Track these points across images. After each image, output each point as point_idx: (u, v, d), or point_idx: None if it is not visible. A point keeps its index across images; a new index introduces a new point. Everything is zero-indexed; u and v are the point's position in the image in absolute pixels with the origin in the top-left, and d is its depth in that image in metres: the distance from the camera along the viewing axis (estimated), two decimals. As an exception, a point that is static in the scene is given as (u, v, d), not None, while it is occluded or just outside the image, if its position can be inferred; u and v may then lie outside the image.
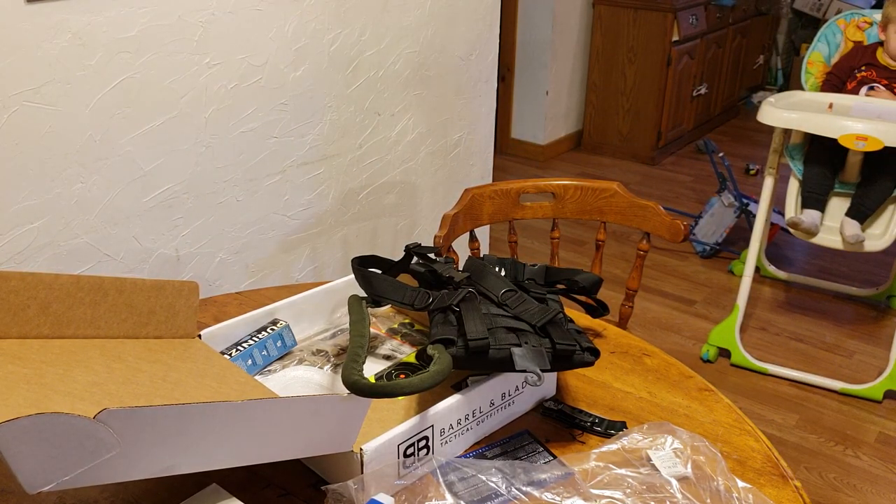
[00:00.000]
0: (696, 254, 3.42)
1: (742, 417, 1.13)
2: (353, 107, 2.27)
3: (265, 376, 1.15)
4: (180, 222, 1.93)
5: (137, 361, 0.97)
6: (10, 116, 1.56)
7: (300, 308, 1.25)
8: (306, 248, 2.29)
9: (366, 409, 0.89)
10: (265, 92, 2.02)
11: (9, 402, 0.75)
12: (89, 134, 1.69)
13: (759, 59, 5.27)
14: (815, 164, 2.51)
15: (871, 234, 2.45)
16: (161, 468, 0.77)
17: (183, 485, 0.92)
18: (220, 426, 0.78)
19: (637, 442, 1.01)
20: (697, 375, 1.22)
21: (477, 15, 2.58)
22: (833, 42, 2.74)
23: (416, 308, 1.11)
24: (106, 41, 1.66)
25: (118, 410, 0.70)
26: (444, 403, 0.98)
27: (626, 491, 0.93)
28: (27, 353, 0.91)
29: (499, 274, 1.15)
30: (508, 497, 0.92)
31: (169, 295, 1.08)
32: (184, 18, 1.79)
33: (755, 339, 2.78)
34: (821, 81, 2.72)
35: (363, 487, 0.88)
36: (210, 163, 1.95)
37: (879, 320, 2.93)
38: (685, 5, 4.22)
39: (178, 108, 1.84)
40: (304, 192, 2.22)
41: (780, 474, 1.01)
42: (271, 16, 1.97)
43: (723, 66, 4.79)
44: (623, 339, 1.33)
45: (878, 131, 2.23)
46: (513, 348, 0.99)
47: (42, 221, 1.67)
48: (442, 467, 0.94)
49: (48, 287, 0.96)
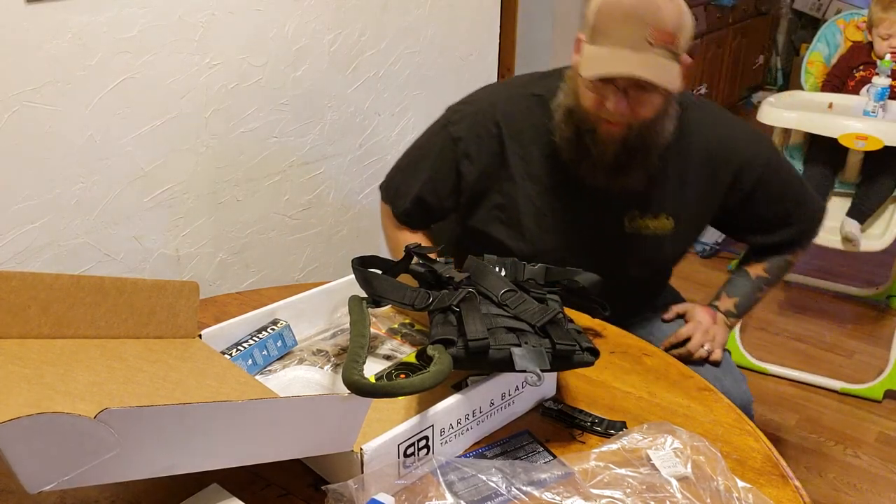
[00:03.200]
0: (696, 254, 3.42)
1: (742, 417, 1.13)
2: (353, 107, 2.27)
3: (265, 376, 1.15)
4: (180, 222, 1.93)
5: (138, 361, 0.97)
6: (10, 116, 1.56)
7: (300, 308, 1.25)
8: (306, 248, 2.29)
9: (366, 409, 0.89)
10: (265, 92, 2.02)
11: (9, 402, 0.75)
12: (89, 134, 1.69)
13: (758, 59, 5.27)
14: (816, 164, 2.51)
15: (870, 234, 2.45)
16: (161, 468, 0.77)
17: (183, 485, 0.92)
18: (220, 426, 0.78)
19: (637, 442, 1.01)
20: (697, 375, 1.22)
21: (477, 15, 2.58)
22: (833, 42, 2.74)
23: (417, 308, 1.11)
24: (106, 41, 1.66)
25: (118, 410, 0.70)
26: (444, 403, 0.98)
27: (626, 491, 0.93)
28: (27, 353, 0.91)
29: (499, 274, 1.15)
30: (508, 497, 0.92)
31: (169, 295, 1.08)
32: (184, 18, 1.79)
33: (755, 339, 2.78)
34: (821, 81, 2.72)
35: (363, 487, 0.88)
36: (210, 163, 1.95)
37: (879, 320, 2.93)
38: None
39: (178, 108, 1.84)
40: (304, 192, 2.22)
41: (780, 474, 1.01)
42: (271, 16, 1.97)
43: (723, 66, 4.79)
44: (623, 339, 1.33)
45: (877, 131, 2.23)
46: (513, 348, 0.99)
47: (42, 221, 1.67)
48: (442, 467, 0.94)
49: (48, 287, 0.96)
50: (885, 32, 2.53)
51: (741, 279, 1.55)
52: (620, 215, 1.42)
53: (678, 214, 1.44)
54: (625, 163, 1.33)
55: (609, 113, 1.28)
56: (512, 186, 1.45)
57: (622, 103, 1.26)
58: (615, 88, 1.26)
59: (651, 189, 1.41)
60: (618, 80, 1.25)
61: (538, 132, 1.42)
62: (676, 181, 1.42)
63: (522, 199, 1.44)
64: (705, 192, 1.45)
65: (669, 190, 1.43)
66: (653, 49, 1.22)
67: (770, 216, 1.50)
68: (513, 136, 1.44)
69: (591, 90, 1.28)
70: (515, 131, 1.44)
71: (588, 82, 1.28)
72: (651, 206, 1.42)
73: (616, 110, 1.26)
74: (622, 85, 1.25)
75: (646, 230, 1.43)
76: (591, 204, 1.42)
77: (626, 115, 1.27)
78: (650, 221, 1.42)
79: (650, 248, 1.44)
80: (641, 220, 1.42)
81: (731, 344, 2.60)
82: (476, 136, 1.46)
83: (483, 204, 1.48)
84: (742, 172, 1.44)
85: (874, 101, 2.33)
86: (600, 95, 1.28)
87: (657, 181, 1.40)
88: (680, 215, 1.44)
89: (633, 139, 1.31)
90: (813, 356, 2.69)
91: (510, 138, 1.44)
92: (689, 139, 1.41)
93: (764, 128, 2.52)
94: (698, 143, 1.43)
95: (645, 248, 1.43)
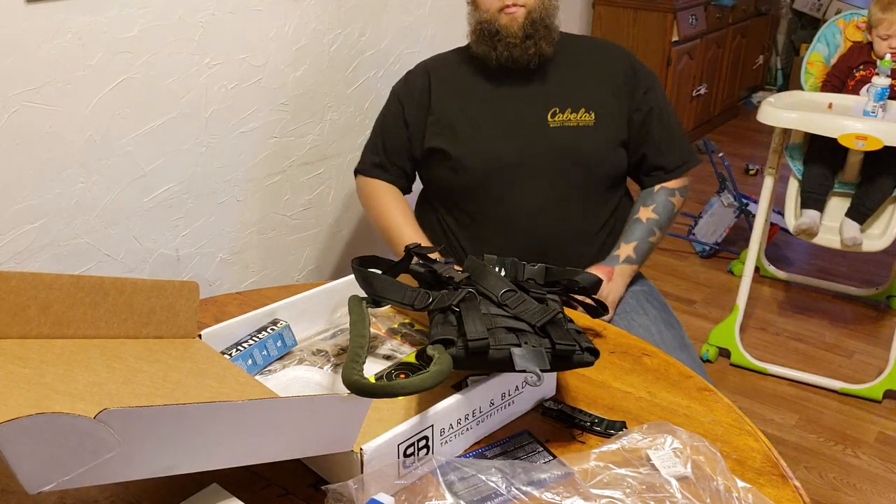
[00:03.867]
0: (696, 254, 3.42)
1: (742, 417, 1.13)
2: (353, 107, 2.27)
3: (265, 376, 1.15)
4: (180, 222, 1.93)
5: (138, 361, 0.97)
6: (10, 116, 1.56)
7: (300, 308, 1.25)
8: (306, 248, 2.29)
9: (366, 409, 0.89)
10: (265, 92, 2.02)
11: (9, 402, 0.75)
12: (89, 134, 1.69)
13: (758, 59, 5.27)
14: (815, 164, 2.50)
15: (870, 234, 2.45)
16: (161, 468, 0.77)
17: (183, 485, 0.92)
18: (220, 426, 0.78)
19: (637, 442, 1.01)
20: (697, 375, 1.23)
21: (477, 15, 2.57)
22: (833, 42, 2.74)
23: (417, 308, 1.11)
24: (106, 41, 1.66)
25: (118, 410, 0.70)
26: (444, 403, 0.98)
27: (626, 491, 0.93)
28: (27, 353, 0.91)
29: (499, 274, 1.15)
30: (508, 497, 0.92)
31: (169, 295, 1.08)
32: (184, 18, 1.79)
33: (755, 338, 2.78)
34: (820, 82, 2.72)
35: (363, 487, 0.88)
36: (210, 163, 1.95)
37: (879, 320, 2.93)
38: (685, 5, 4.22)
39: (178, 108, 1.84)
40: (304, 192, 2.23)
41: (779, 474, 1.01)
42: (271, 16, 1.97)
43: (722, 66, 4.79)
44: (623, 339, 1.33)
45: (877, 131, 2.23)
46: (512, 348, 0.99)
47: (42, 221, 1.67)
48: (442, 467, 0.94)
49: (48, 287, 0.96)
50: (884, 33, 2.53)
51: (635, 225, 1.72)
52: (544, 112, 1.67)
53: (597, 109, 1.68)
54: (532, 32, 1.63)
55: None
56: (442, 108, 1.73)
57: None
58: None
59: (567, 89, 1.69)
60: None
61: (458, 65, 1.77)
62: (587, 81, 1.71)
63: (454, 112, 1.71)
64: (614, 88, 1.71)
65: (584, 88, 1.70)
66: None
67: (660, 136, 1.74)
68: (437, 75, 1.76)
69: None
70: (440, 72, 1.77)
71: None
72: (570, 103, 1.67)
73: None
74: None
75: (568, 123, 1.67)
76: (516, 106, 1.69)
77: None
78: (571, 115, 1.67)
79: (576, 138, 1.67)
80: (562, 115, 1.67)
81: (731, 344, 2.60)
82: (409, 85, 1.79)
83: (426, 134, 1.74)
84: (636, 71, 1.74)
85: (874, 100, 2.33)
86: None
87: (567, 81, 1.70)
88: (598, 110, 1.68)
89: (534, 13, 1.63)
90: (813, 356, 2.69)
91: (435, 76, 1.76)
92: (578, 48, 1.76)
93: (764, 128, 2.52)
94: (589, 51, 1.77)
95: (571, 139, 1.66)
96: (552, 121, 1.67)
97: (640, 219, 1.72)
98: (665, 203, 1.75)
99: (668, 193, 1.76)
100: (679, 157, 1.77)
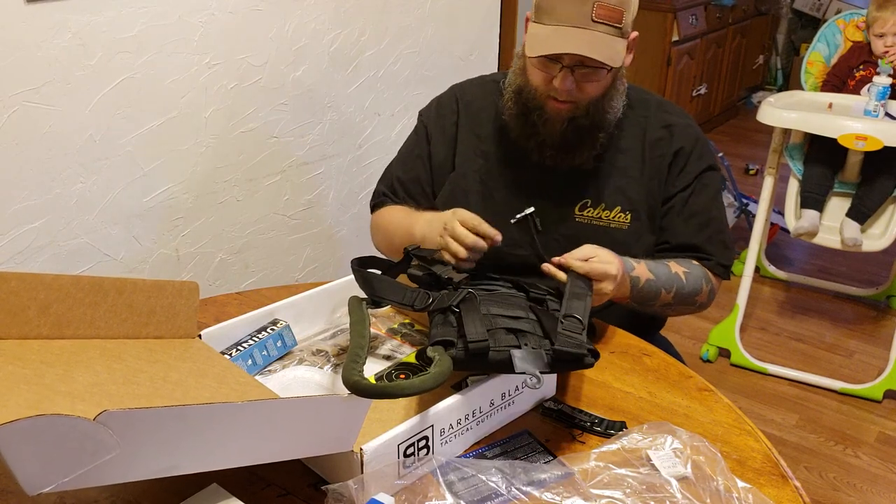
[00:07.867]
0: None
1: (742, 417, 1.13)
2: (353, 107, 2.27)
3: (265, 376, 1.15)
4: (180, 222, 1.93)
5: (137, 362, 0.97)
6: (10, 116, 1.56)
7: (300, 308, 1.25)
8: (306, 248, 2.29)
9: (366, 410, 0.89)
10: (265, 92, 2.02)
11: (9, 402, 0.75)
12: (89, 134, 1.69)
13: (758, 59, 5.27)
14: (815, 164, 2.50)
15: (870, 234, 2.45)
16: (161, 468, 0.77)
17: (183, 485, 0.92)
18: (220, 426, 0.78)
19: (637, 442, 1.01)
20: (697, 375, 1.22)
21: (477, 15, 2.58)
22: (833, 42, 2.74)
23: (417, 309, 1.11)
24: (106, 41, 1.66)
25: (118, 412, 0.70)
26: (444, 403, 0.98)
27: (626, 491, 0.93)
28: (27, 354, 0.91)
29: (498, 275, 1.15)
30: (508, 497, 0.92)
31: (169, 295, 1.08)
32: (184, 18, 1.79)
33: (755, 338, 2.78)
34: (821, 81, 2.72)
35: (363, 487, 0.88)
36: (210, 163, 1.95)
37: (879, 320, 2.93)
38: (685, 5, 4.22)
39: (178, 108, 1.84)
40: (304, 192, 2.22)
41: (779, 474, 1.01)
42: (271, 16, 1.97)
43: (722, 66, 4.79)
44: (623, 339, 1.33)
45: (877, 131, 2.23)
46: (512, 350, 0.99)
47: (42, 221, 1.67)
48: (442, 467, 0.94)
49: (48, 287, 0.96)
50: (879, 31, 2.54)
51: (662, 266, 1.35)
52: (572, 203, 1.39)
53: (633, 209, 1.38)
54: (572, 141, 1.32)
55: (556, 91, 1.27)
56: (464, 163, 1.45)
57: (568, 81, 1.25)
58: (561, 66, 1.25)
59: (603, 178, 1.38)
60: (563, 59, 1.24)
61: (491, 111, 1.44)
62: (629, 170, 1.39)
63: (472, 174, 1.44)
64: (655, 182, 1.40)
65: (625, 177, 1.39)
66: (597, 26, 1.21)
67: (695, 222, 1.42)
68: (468, 115, 1.46)
69: (538, 68, 1.28)
70: (471, 110, 1.46)
71: (535, 61, 1.27)
72: (604, 197, 1.38)
73: (562, 88, 1.26)
74: (568, 63, 1.24)
75: (598, 221, 1.38)
76: (542, 188, 1.39)
77: (573, 92, 1.27)
78: (603, 213, 1.38)
79: (602, 240, 1.28)
80: (593, 210, 1.39)
81: (731, 344, 2.60)
82: (439, 117, 1.49)
83: (444, 187, 1.48)
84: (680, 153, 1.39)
85: (875, 100, 2.33)
86: (547, 74, 1.27)
87: (607, 168, 1.38)
88: (635, 210, 1.38)
89: (581, 117, 1.31)
90: (813, 356, 2.69)
91: (465, 115, 1.46)
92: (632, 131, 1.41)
93: (764, 128, 2.52)
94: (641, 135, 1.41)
95: (594, 240, 1.27)
96: (579, 214, 1.38)
97: (668, 266, 1.35)
98: (699, 276, 1.37)
99: (704, 273, 1.39)
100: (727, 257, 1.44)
